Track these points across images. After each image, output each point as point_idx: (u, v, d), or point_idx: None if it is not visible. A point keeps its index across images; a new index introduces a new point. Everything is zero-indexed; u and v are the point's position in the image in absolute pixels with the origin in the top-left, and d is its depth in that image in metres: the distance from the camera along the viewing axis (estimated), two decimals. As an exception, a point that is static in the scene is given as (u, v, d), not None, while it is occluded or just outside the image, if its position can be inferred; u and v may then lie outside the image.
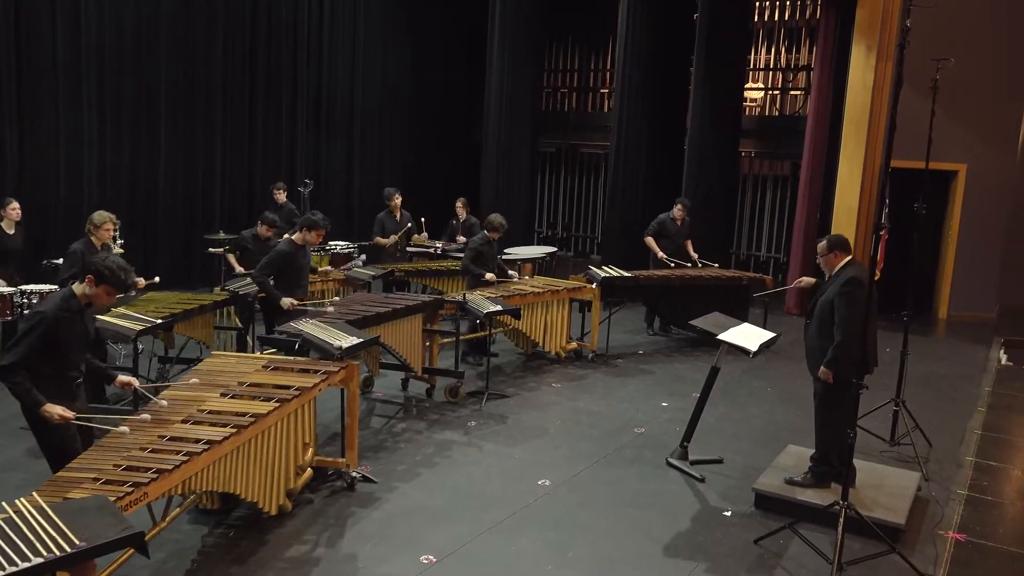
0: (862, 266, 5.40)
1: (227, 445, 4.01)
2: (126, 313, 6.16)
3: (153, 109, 10.98)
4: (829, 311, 5.30)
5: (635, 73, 12.14)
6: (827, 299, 5.36)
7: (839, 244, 5.39)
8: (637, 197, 12.25)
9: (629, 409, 7.44)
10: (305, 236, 6.80)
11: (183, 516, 4.91)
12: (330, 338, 5.42)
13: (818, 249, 5.48)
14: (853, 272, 5.25)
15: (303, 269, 6.93)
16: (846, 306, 5.15)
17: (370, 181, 13.96)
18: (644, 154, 12.29)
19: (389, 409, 7.18)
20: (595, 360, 8.92)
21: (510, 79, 13.07)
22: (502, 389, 7.79)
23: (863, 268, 5.32)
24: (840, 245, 5.38)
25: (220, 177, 11.91)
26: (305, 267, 6.98)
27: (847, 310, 5.14)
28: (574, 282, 8.96)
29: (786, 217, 13.85)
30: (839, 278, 5.28)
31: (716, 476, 6.02)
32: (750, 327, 6.15)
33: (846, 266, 5.33)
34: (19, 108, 9.59)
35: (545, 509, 5.38)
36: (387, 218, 9.79)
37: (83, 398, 4.33)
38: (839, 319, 5.18)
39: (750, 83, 14.12)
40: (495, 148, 13.10)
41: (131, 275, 4.22)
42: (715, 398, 7.72)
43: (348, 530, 4.95)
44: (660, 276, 9.48)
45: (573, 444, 6.55)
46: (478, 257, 8.59)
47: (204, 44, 11.44)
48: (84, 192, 10.30)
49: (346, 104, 13.67)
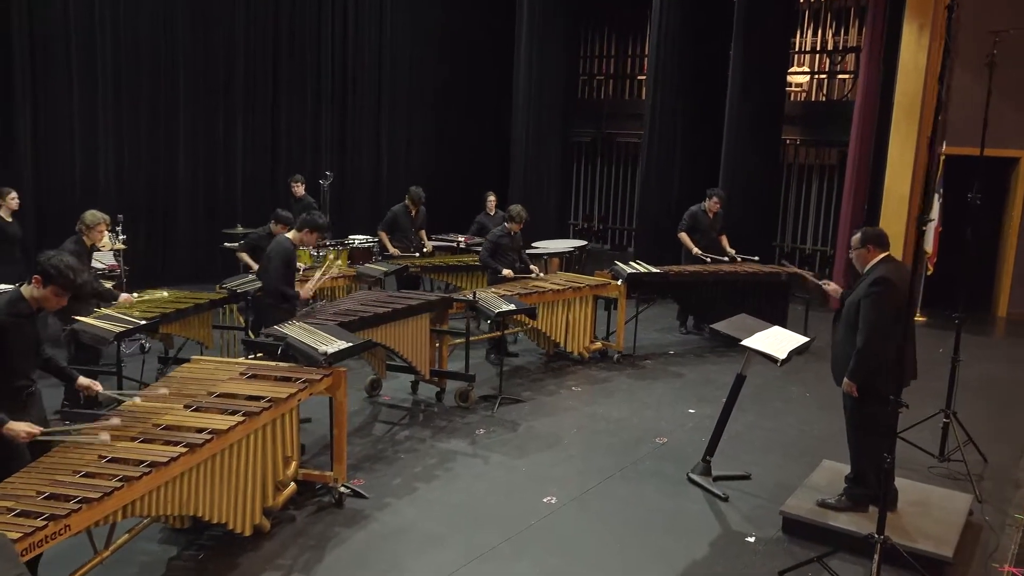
0: (900, 264, 4.81)
1: (176, 467, 3.61)
2: (109, 314, 5.83)
3: (172, 100, 10.73)
4: (855, 313, 4.74)
5: (670, 58, 11.52)
6: (854, 300, 4.80)
7: (873, 238, 4.81)
8: (671, 188, 11.66)
9: (652, 416, 6.91)
10: (304, 237, 6.37)
11: (152, 535, 4.55)
12: (316, 342, 5.01)
13: (851, 243, 4.91)
14: (884, 271, 4.67)
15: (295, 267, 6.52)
16: (872, 309, 4.59)
17: (396, 173, 13.57)
18: (679, 143, 11.67)
19: (395, 414, 6.76)
20: (621, 361, 8.39)
21: (540, 66, 12.57)
22: (517, 393, 7.32)
23: (900, 267, 4.74)
24: (875, 239, 4.80)
25: (241, 170, 11.64)
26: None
27: (873, 314, 4.58)
28: (598, 278, 8.43)
29: (833, 208, 13.11)
30: (869, 276, 4.71)
31: (741, 495, 5.48)
32: (780, 331, 5.58)
33: (879, 263, 4.75)
34: (33, 99, 9.40)
35: (548, 531, 4.90)
36: (402, 213, 9.31)
37: (37, 408, 3.97)
38: (863, 323, 4.62)
39: (795, 67, 13.39)
40: (524, 138, 12.62)
41: (81, 275, 3.84)
42: (745, 404, 7.20)
43: (327, 554, 4.53)
44: (691, 271, 8.90)
45: (587, 455, 6.05)
46: (497, 250, 8.13)
47: (225, 31, 11.16)
48: (100, 185, 10.10)
49: (372, 94, 13.28)
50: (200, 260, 11.10)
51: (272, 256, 6.26)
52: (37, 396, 3.98)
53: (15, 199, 7.65)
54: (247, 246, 8.01)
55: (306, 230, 6.32)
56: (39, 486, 3.23)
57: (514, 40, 12.86)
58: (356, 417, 6.63)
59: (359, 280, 8.15)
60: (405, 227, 9.23)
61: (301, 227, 6.34)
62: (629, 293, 8.57)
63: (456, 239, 10.26)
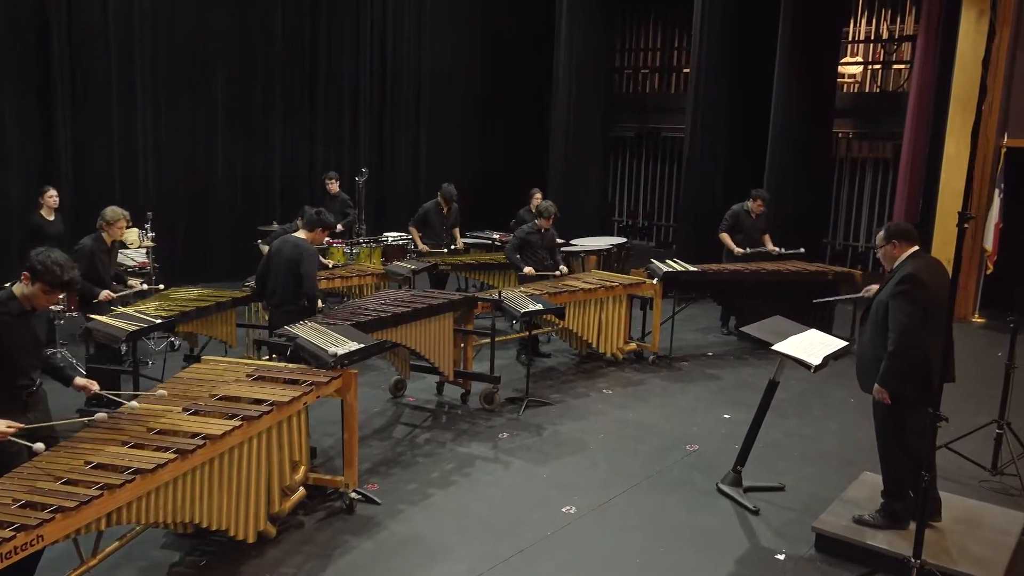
0: (931, 260, 4.47)
1: (164, 473, 3.48)
2: (126, 313, 5.78)
3: (209, 99, 10.74)
4: (883, 314, 4.41)
5: (714, 48, 11.15)
6: (882, 300, 4.47)
7: (900, 233, 4.47)
8: (715, 184, 11.28)
9: (684, 421, 6.62)
10: (317, 236, 6.21)
11: (156, 540, 4.46)
12: (326, 343, 4.86)
13: (876, 239, 4.58)
14: (912, 267, 4.33)
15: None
16: (900, 309, 4.26)
17: (437, 169, 13.42)
18: (723, 138, 11.29)
19: (417, 416, 6.60)
20: (656, 363, 8.11)
21: (580, 59, 12.30)
22: (546, 395, 7.09)
23: (931, 262, 4.40)
24: (901, 234, 4.46)
25: (280, 167, 11.61)
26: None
27: (902, 314, 4.25)
28: (632, 277, 8.16)
29: (887, 203, 12.57)
30: (897, 274, 4.38)
31: (773, 507, 5.17)
32: (816, 334, 5.25)
33: (907, 260, 4.41)
34: (72, 99, 9.47)
35: (564, 543, 4.67)
36: (433, 210, 9.12)
37: (40, 407, 3.88)
38: (892, 325, 4.29)
39: (848, 57, 12.88)
40: (563, 133, 12.35)
41: (69, 271, 3.73)
42: (785, 409, 6.88)
43: (332, 564, 4.38)
44: (731, 270, 8.56)
45: (612, 462, 5.80)
46: (524, 246, 7.90)
47: (262, 28, 11.13)
48: (139, 183, 10.15)
49: (411, 92, 13.16)
50: (237, 258, 11.07)
51: (304, 259, 6.05)
52: (40, 395, 3.89)
53: (54, 197, 7.67)
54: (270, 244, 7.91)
55: (318, 229, 6.16)
56: (17, 493, 3.12)
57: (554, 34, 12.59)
58: (378, 419, 6.48)
59: (388, 278, 8.00)
60: (436, 225, 9.05)
61: (312, 227, 6.16)
62: (666, 292, 8.27)
63: (491, 236, 10.06)
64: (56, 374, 4.03)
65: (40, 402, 3.87)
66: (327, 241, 9.40)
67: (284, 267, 6.08)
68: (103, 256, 6.30)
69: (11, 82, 8.91)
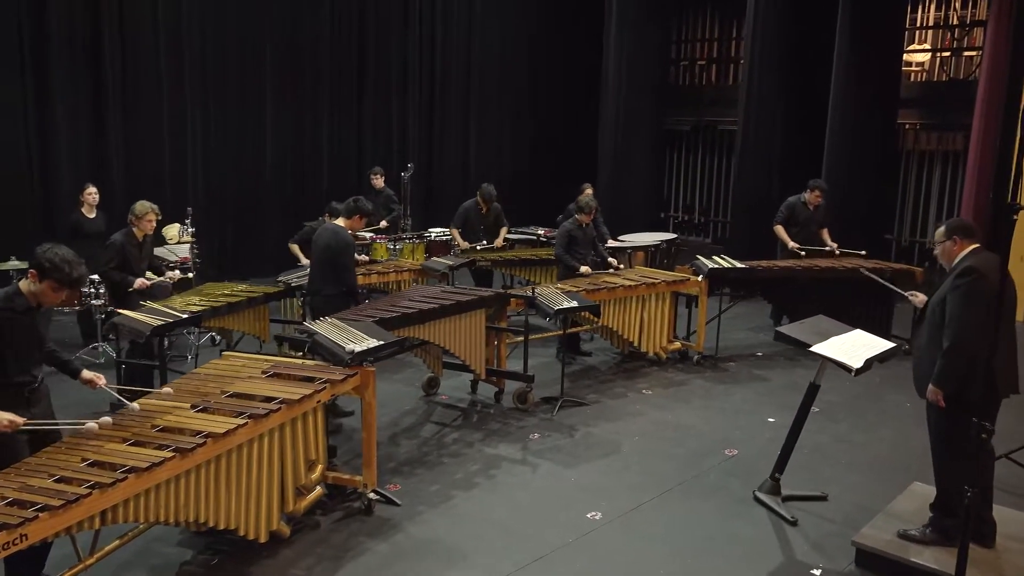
0: (994, 259, 4.12)
1: (161, 472, 3.40)
2: (154, 307, 5.78)
3: (257, 96, 10.80)
4: (941, 313, 4.12)
5: (769, 36, 10.75)
6: (939, 297, 4.18)
7: (960, 228, 4.19)
8: (770, 178, 10.88)
9: (726, 424, 6.34)
10: (355, 224, 6.15)
11: (171, 537, 4.41)
12: (344, 340, 4.75)
13: (935, 236, 4.27)
14: (972, 261, 4.02)
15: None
16: (960, 303, 3.98)
17: (486, 165, 13.30)
18: (778, 129, 10.89)
19: (448, 415, 6.46)
20: (701, 363, 7.81)
21: (630, 51, 12.03)
22: (582, 395, 6.89)
23: (993, 261, 4.05)
24: (962, 230, 4.19)
25: (328, 164, 11.64)
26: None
27: (961, 308, 3.97)
28: (675, 274, 7.87)
29: (957, 198, 11.94)
30: (956, 269, 4.08)
31: (813, 518, 4.88)
32: (862, 335, 4.93)
33: (968, 255, 4.10)
34: (123, 97, 9.61)
35: (587, 550, 4.47)
36: (472, 210, 8.95)
37: (43, 404, 3.86)
38: (950, 320, 4.01)
39: (916, 44, 12.29)
40: (612, 126, 12.10)
41: (78, 268, 3.69)
42: (836, 413, 6.55)
43: (343, 566, 4.26)
44: (782, 267, 8.19)
45: (646, 466, 5.56)
46: (572, 243, 7.69)
47: (309, 26, 11.16)
48: (188, 180, 10.27)
49: (461, 83, 13.07)
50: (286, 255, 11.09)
51: (341, 249, 6.01)
52: (42, 392, 3.87)
53: (93, 194, 7.75)
54: (301, 239, 7.90)
55: (356, 216, 6.09)
56: (7, 490, 3.07)
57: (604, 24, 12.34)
58: (407, 417, 6.37)
59: (425, 274, 7.89)
60: (475, 224, 8.88)
61: (351, 214, 6.11)
62: (712, 290, 7.97)
63: (536, 232, 9.87)
64: (63, 367, 4.01)
65: (43, 398, 3.84)
66: (371, 237, 9.36)
67: (321, 254, 6.15)
68: (134, 250, 6.32)
69: (65, 86, 9.08)
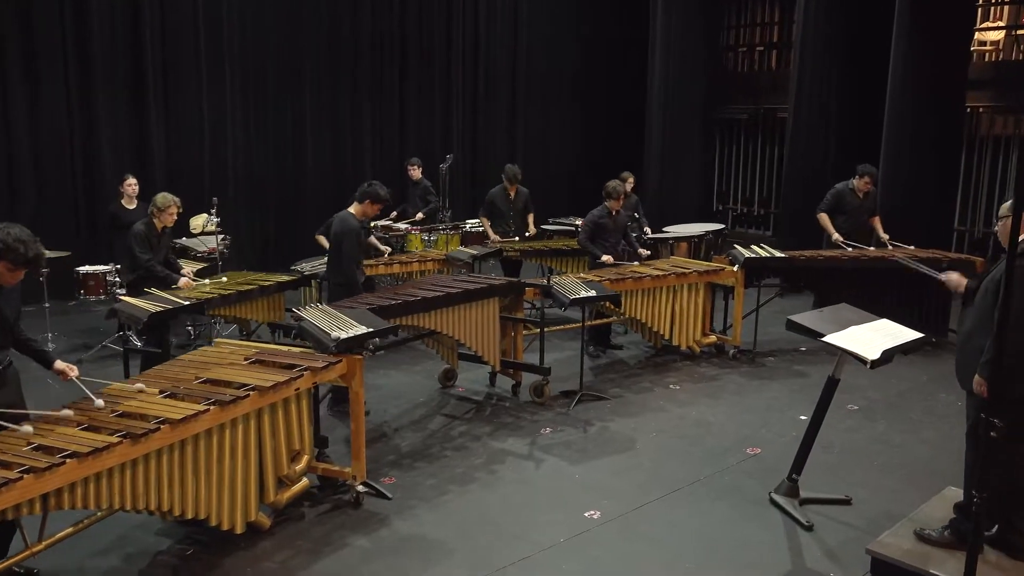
0: None
1: (109, 458, 3.28)
2: (157, 295, 5.74)
3: (298, 88, 10.80)
4: (994, 294, 3.66)
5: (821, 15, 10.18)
6: (994, 277, 3.72)
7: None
8: (824, 166, 10.31)
9: (753, 421, 5.96)
10: (366, 209, 6.00)
11: (151, 525, 4.32)
12: (331, 328, 4.59)
13: (998, 213, 3.83)
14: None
15: (362, 245, 6.15)
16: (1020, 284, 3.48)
17: (532, 155, 13.06)
18: (832, 115, 10.31)
19: (461, 407, 6.26)
20: (738, 358, 7.42)
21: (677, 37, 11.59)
22: (605, 388, 6.60)
23: None
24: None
25: (370, 155, 11.59)
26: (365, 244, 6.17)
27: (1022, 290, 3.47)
28: (708, 264, 7.50)
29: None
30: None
31: (833, 523, 4.50)
32: (888, 324, 4.53)
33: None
34: (164, 89, 9.72)
35: (575, 551, 4.20)
36: (499, 195, 8.70)
37: (10, 387, 3.77)
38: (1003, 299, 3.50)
39: (989, 21, 11.51)
40: (659, 115, 11.70)
41: (33, 247, 3.59)
42: (875, 412, 6.12)
43: (319, 560, 4.10)
44: (826, 257, 7.72)
45: (658, 464, 5.25)
46: (598, 231, 7.40)
47: (351, 15, 11.11)
48: (229, 171, 10.32)
49: (507, 73, 12.87)
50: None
51: (343, 236, 5.92)
52: (9, 375, 3.79)
53: (132, 185, 7.78)
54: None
55: (367, 201, 5.94)
56: (-58, 473, 3.00)
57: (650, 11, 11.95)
58: (419, 409, 6.19)
59: (450, 264, 7.70)
60: (503, 210, 8.63)
61: (361, 199, 5.96)
62: (752, 281, 7.56)
63: (573, 223, 9.58)
64: (37, 357, 3.93)
65: (9, 382, 3.76)
66: (406, 228, 9.24)
67: (332, 240, 6.11)
68: (153, 241, 6.31)
69: (107, 80, 9.21)
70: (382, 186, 6.11)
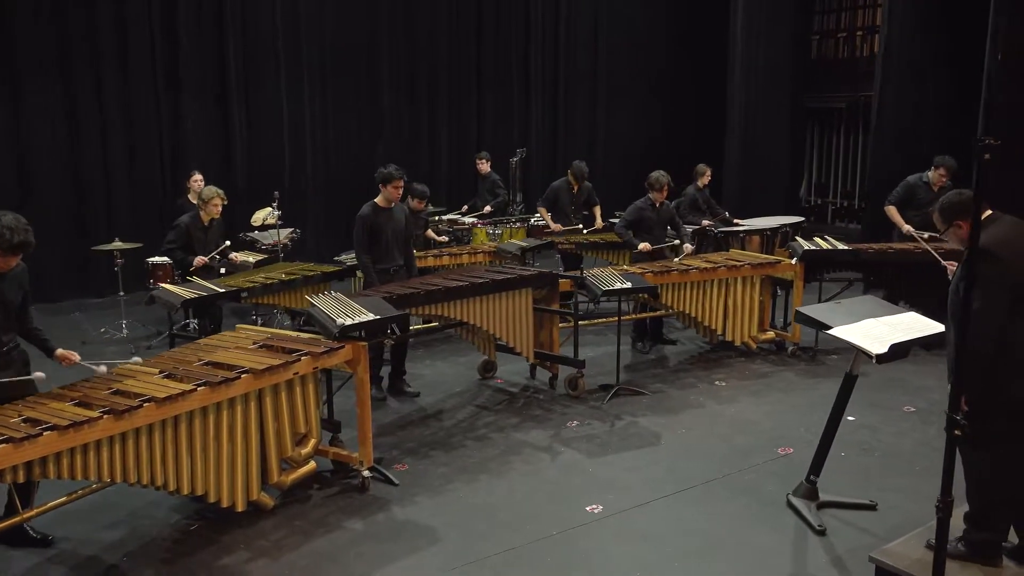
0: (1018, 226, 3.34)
1: (92, 431, 3.45)
2: (195, 282, 6.00)
3: (375, 88, 11.03)
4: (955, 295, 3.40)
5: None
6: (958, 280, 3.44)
7: (953, 210, 3.44)
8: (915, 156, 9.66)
9: (793, 421, 5.67)
10: (388, 194, 6.05)
11: (161, 500, 4.51)
12: (338, 314, 4.67)
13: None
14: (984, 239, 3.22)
15: (384, 233, 6.07)
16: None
17: (613, 148, 12.89)
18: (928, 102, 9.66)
19: (494, 398, 6.23)
20: (797, 355, 7.08)
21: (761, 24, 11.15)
22: (647, 383, 6.43)
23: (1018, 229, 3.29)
24: (957, 211, 3.43)
25: (446, 151, 11.73)
26: (391, 231, 6.10)
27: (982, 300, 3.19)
28: (765, 256, 7.19)
29: None
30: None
31: (850, 529, 4.22)
32: (913, 317, 4.21)
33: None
34: (246, 91, 10.14)
35: (564, 546, 4.11)
36: (563, 189, 8.60)
37: (14, 369, 3.94)
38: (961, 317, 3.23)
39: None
40: (741, 105, 11.29)
41: (19, 233, 3.75)
42: (930, 415, 5.72)
43: (311, 541, 4.17)
44: (896, 250, 7.27)
45: (680, 460, 5.07)
46: (639, 222, 7.23)
47: (427, 16, 11.27)
48: (308, 170, 10.65)
49: (587, 66, 12.76)
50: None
51: (355, 223, 6.06)
52: (14, 358, 3.97)
53: (198, 181, 8.11)
54: None
55: (381, 185, 6.01)
56: (-72, 439, 3.24)
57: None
58: (453, 399, 6.22)
59: (499, 256, 7.68)
60: (565, 204, 8.54)
61: (377, 183, 6.05)
62: (814, 275, 7.21)
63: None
64: (41, 345, 4.10)
65: (13, 364, 3.94)
66: (472, 221, 9.30)
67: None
68: (199, 233, 6.60)
69: (193, 84, 9.70)
70: (390, 165, 6.12)
